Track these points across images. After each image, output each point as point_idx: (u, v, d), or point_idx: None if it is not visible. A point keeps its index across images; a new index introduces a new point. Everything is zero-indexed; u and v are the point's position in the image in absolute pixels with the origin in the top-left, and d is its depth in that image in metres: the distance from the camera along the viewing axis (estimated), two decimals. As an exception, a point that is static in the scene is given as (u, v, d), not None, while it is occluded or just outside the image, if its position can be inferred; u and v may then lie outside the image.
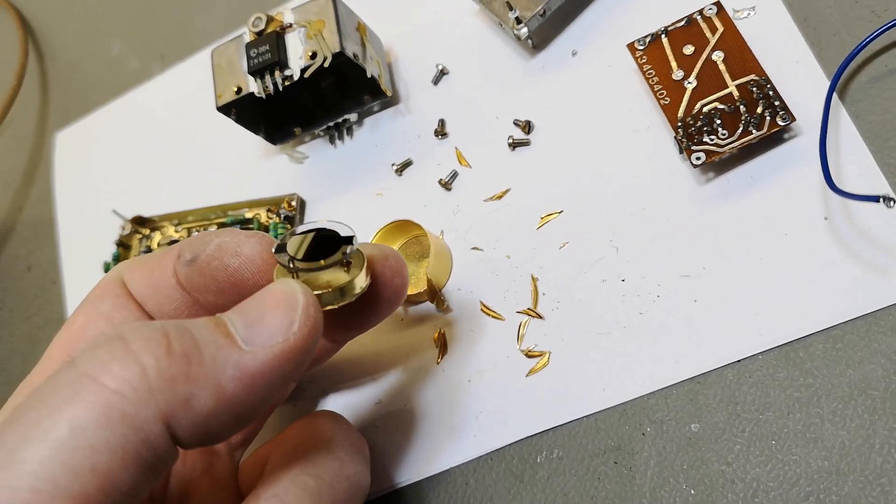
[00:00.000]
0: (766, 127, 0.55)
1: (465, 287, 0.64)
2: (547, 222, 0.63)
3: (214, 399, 0.36)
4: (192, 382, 0.36)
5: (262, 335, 0.38)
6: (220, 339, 0.38)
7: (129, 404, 0.34)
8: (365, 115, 0.75)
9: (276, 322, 0.39)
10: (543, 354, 0.59)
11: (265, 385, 0.38)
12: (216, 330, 0.38)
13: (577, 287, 0.60)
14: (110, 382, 0.34)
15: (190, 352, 0.36)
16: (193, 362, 0.36)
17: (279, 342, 0.39)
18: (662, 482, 0.54)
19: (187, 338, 0.37)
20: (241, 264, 0.47)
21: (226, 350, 0.37)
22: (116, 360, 0.35)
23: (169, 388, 0.35)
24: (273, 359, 0.38)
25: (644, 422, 0.55)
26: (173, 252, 0.48)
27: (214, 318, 0.39)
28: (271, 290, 0.41)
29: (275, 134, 0.75)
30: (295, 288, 0.41)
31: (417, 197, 0.69)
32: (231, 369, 0.37)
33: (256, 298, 0.41)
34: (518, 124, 0.67)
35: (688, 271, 0.57)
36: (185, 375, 0.36)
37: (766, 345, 0.53)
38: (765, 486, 0.51)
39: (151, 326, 0.37)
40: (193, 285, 0.47)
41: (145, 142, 0.87)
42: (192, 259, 0.47)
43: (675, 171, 0.60)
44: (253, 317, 0.39)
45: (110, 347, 0.35)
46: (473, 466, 0.59)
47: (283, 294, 0.40)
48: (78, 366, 0.35)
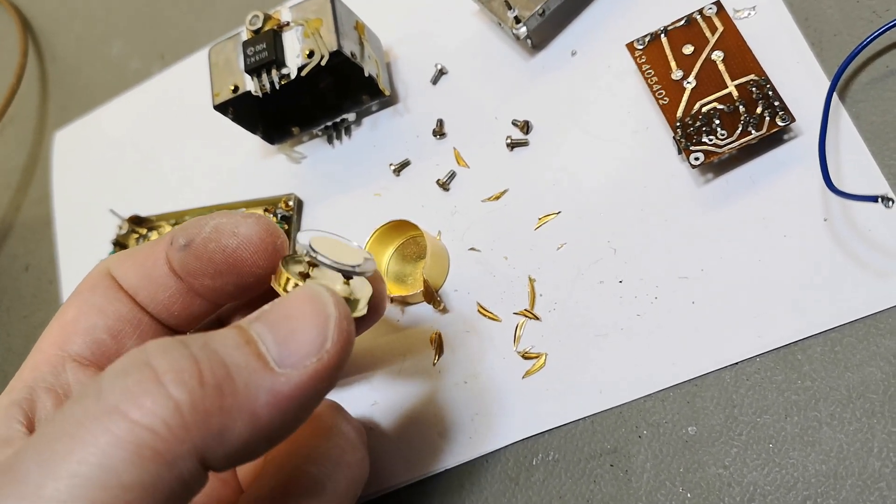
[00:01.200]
0: (765, 127, 0.55)
1: (462, 288, 0.64)
2: (545, 223, 0.63)
3: (249, 428, 0.35)
4: (227, 414, 0.35)
5: (294, 355, 0.37)
6: (251, 362, 0.36)
7: (163, 442, 0.33)
8: (363, 115, 0.74)
9: (309, 339, 0.37)
10: (540, 356, 0.59)
11: (299, 406, 0.37)
12: (247, 350, 0.36)
13: (575, 288, 0.60)
14: (142, 419, 0.33)
15: (223, 382, 0.35)
16: (227, 393, 0.35)
17: (313, 362, 0.37)
18: (658, 485, 0.53)
19: (219, 365, 0.35)
20: (240, 244, 0.45)
21: (259, 375, 0.36)
22: (147, 393, 0.33)
23: (203, 422, 0.34)
24: (308, 380, 0.37)
25: (640, 424, 0.55)
26: (165, 240, 0.47)
27: (242, 333, 0.37)
28: (300, 299, 0.39)
29: (273, 134, 0.74)
30: (325, 297, 0.39)
31: (415, 197, 0.69)
32: (265, 395, 0.36)
33: (285, 309, 0.39)
34: (516, 124, 0.66)
35: (686, 273, 0.57)
36: (219, 408, 0.34)
37: (764, 347, 0.53)
38: (762, 489, 0.51)
39: (180, 351, 0.35)
40: (189, 270, 0.46)
41: (143, 141, 0.87)
42: (186, 243, 0.45)
43: (674, 173, 0.59)
44: (283, 333, 0.37)
45: (140, 378, 0.34)
46: (469, 469, 0.59)
47: (314, 305, 0.38)
48: (105, 397, 0.33)
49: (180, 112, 0.85)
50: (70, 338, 0.47)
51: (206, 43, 0.85)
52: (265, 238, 0.46)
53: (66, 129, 0.93)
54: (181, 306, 0.48)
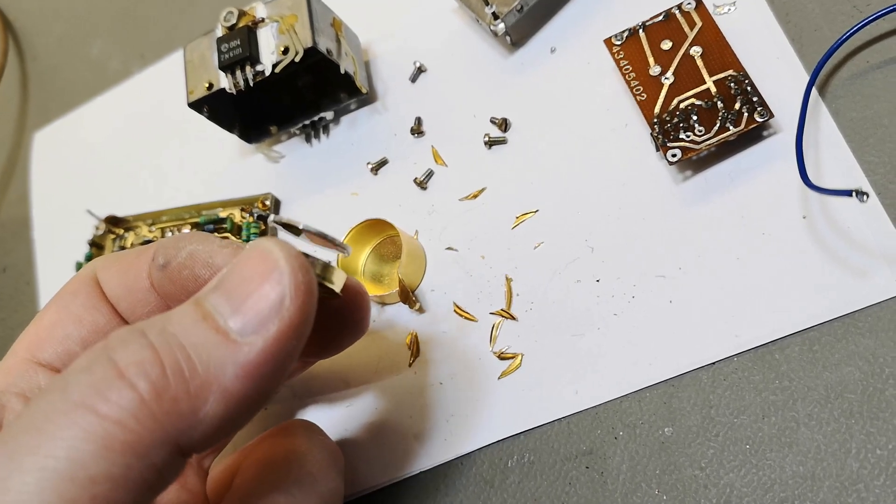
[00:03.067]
0: (743, 123, 0.54)
1: (438, 288, 0.63)
2: (522, 222, 0.62)
3: (222, 404, 0.35)
4: (196, 397, 0.34)
5: (253, 321, 0.35)
6: (211, 337, 0.35)
7: (131, 434, 0.32)
8: (342, 114, 0.74)
9: (266, 300, 0.36)
10: (516, 356, 0.58)
11: (271, 372, 0.36)
12: (205, 326, 0.35)
13: (552, 288, 0.59)
14: (109, 412, 0.32)
15: (185, 366, 0.34)
16: (191, 376, 0.34)
17: (275, 324, 0.36)
18: (634, 487, 0.53)
19: (179, 349, 0.34)
20: (212, 276, 0.43)
21: (221, 350, 0.35)
22: (112, 387, 0.33)
23: (172, 410, 0.33)
24: (273, 343, 0.35)
25: (617, 425, 0.54)
26: (148, 253, 0.46)
27: (199, 308, 0.36)
28: (251, 259, 0.37)
29: (251, 133, 0.73)
30: (276, 252, 0.37)
31: (392, 196, 0.68)
32: (232, 369, 0.35)
33: (236, 272, 0.37)
34: (495, 122, 0.66)
35: (663, 272, 0.56)
36: (185, 392, 0.34)
37: (742, 347, 0.52)
38: (738, 491, 0.50)
39: (139, 341, 0.35)
40: (165, 292, 0.46)
41: (121, 141, 0.86)
42: (164, 264, 0.45)
43: (652, 170, 0.59)
44: (238, 298, 0.36)
45: (103, 373, 0.33)
46: (444, 471, 0.58)
47: (265, 263, 0.37)
48: (70, 393, 0.33)
49: (159, 112, 0.85)
50: (43, 345, 0.46)
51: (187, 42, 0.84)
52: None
53: (46, 130, 0.93)
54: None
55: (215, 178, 0.78)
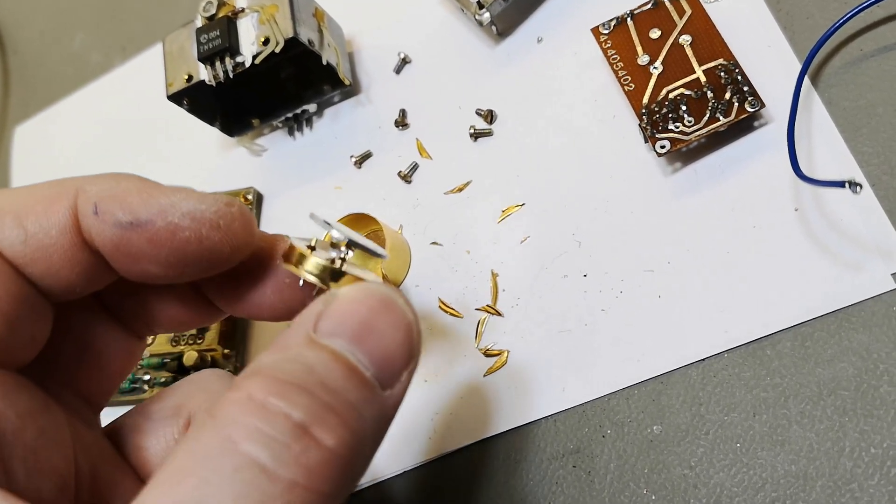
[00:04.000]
0: (734, 113, 0.53)
1: (423, 283, 0.62)
2: (508, 215, 0.61)
3: (371, 458, 0.35)
4: (367, 454, 0.34)
5: (392, 374, 0.35)
6: (365, 394, 0.34)
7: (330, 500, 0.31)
8: (325, 106, 0.73)
9: (402, 355, 0.35)
10: (502, 353, 0.57)
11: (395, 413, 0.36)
12: (357, 382, 0.34)
13: (538, 283, 0.58)
14: (321, 486, 0.31)
15: (362, 425, 0.33)
16: (366, 434, 0.34)
17: (405, 376, 0.36)
18: (622, 487, 0.52)
19: (351, 409, 0.33)
20: (222, 239, 0.39)
21: (373, 406, 0.34)
22: (321, 462, 0.31)
23: (355, 472, 0.33)
24: (402, 394, 0.36)
25: (604, 423, 0.53)
26: (68, 197, 0.38)
27: (340, 360, 0.34)
28: (378, 310, 0.36)
29: (232, 126, 0.72)
30: (401, 304, 0.36)
31: (376, 190, 0.67)
32: (379, 423, 0.35)
33: (365, 319, 0.35)
34: (480, 114, 0.65)
35: (652, 266, 0.55)
36: (362, 452, 0.33)
37: (732, 343, 0.51)
38: (728, 491, 0.49)
39: (316, 401, 0.33)
40: (130, 252, 0.38)
41: (102, 135, 0.85)
42: (132, 222, 0.37)
43: (641, 163, 0.58)
44: (376, 352, 0.35)
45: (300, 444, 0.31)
46: (428, 469, 0.57)
47: (394, 315, 0.36)
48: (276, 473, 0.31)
49: (140, 105, 0.84)
50: None
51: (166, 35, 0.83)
52: (246, 223, 0.41)
53: (27, 124, 0.92)
54: (86, 284, 0.40)
55: (197, 172, 0.77)
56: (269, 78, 0.70)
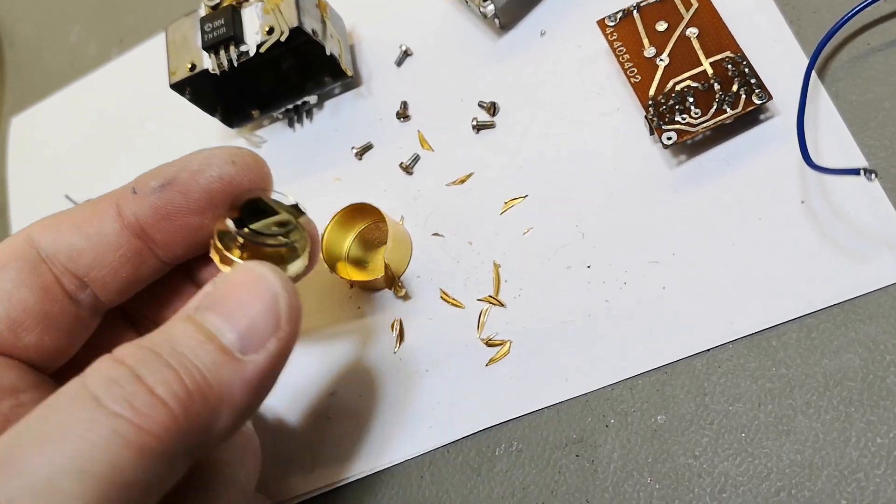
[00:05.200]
0: (741, 105, 0.53)
1: (424, 274, 0.62)
2: (511, 207, 0.61)
3: (231, 417, 0.38)
4: (213, 412, 0.37)
5: (254, 341, 0.39)
6: (219, 358, 0.38)
7: (164, 445, 0.35)
8: (325, 98, 0.72)
9: (265, 324, 0.39)
10: (504, 343, 0.57)
11: (269, 384, 0.40)
12: (212, 348, 0.38)
13: (541, 274, 0.58)
14: (147, 426, 0.35)
15: (203, 385, 0.37)
16: (209, 395, 0.37)
17: (273, 344, 0.39)
18: (626, 476, 0.51)
19: (195, 371, 0.37)
20: (238, 171, 0.46)
21: (229, 369, 0.38)
22: (147, 404, 0.35)
23: (196, 424, 0.36)
24: (271, 360, 0.39)
25: (608, 413, 0.53)
26: (113, 195, 0.46)
27: (200, 329, 0.39)
28: (247, 284, 0.40)
29: (232, 117, 0.72)
30: (271, 278, 0.40)
31: (377, 181, 0.67)
32: (238, 385, 0.38)
33: (234, 294, 0.40)
34: (483, 106, 0.64)
35: (657, 257, 0.55)
36: (205, 409, 0.37)
37: (737, 333, 0.51)
38: (733, 480, 0.49)
39: (159, 362, 0.37)
40: (167, 211, 0.46)
41: (100, 126, 0.85)
42: (164, 183, 0.46)
43: (645, 155, 0.58)
44: (240, 322, 0.39)
45: (133, 389, 0.35)
46: (429, 459, 0.57)
47: (262, 288, 0.40)
48: (107, 403, 0.35)
49: (138, 97, 0.83)
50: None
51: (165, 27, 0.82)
52: (258, 162, 0.49)
53: (23, 115, 0.91)
54: (131, 267, 0.47)
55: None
56: (270, 69, 0.70)
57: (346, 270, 0.63)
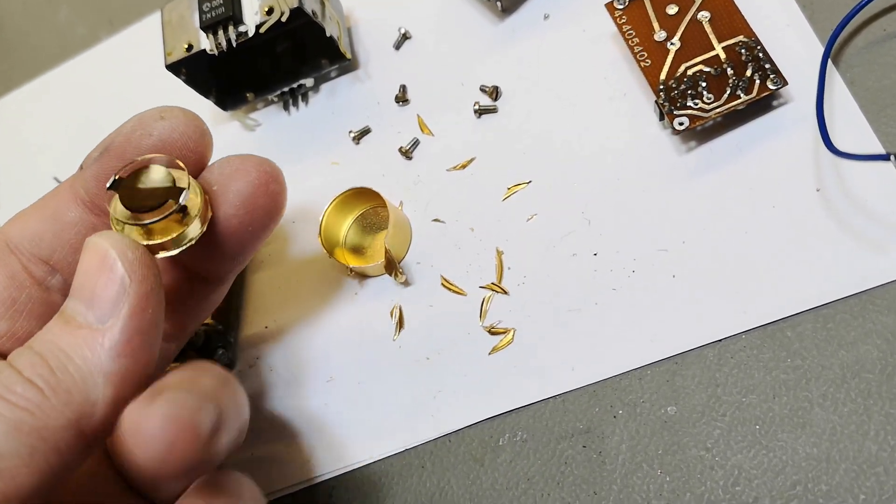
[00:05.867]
0: (755, 91, 0.52)
1: (424, 261, 0.61)
2: (514, 193, 0.60)
3: (110, 384, 0.39)
4: (84, 383, 0.38)
5: (105, 307, 0.40)
6: (79, 334, 0.39)
7: (38, 420, 0.37)
8: (321, 81, 0.71)
9: (109, 290, 0.40)
10: (508, 331, 0.56)
11: (141, 342, 0.40)
12: (70, 328, 0.40)
13: (546, 261, 0.57)
14: (18, 402, 0.37)
15: (66, 362, 0.38)
16: (74, 369, 0.38)
17: (124, 303, 0.40)
18: (635, 468, 0.50)
19: (58, 351, 0.39)
20: (168, 125, 0.47)
21: (89, 340, 0.39)
22: (17, 383, 0.37)
23: (69, 399, 0.38)
24: (129, 320, 0.40)
25: (616, 403, 0.52)
26: (67, 181, 0.48)
27: (61, 315, 0.41)
28: (87, 258, 0.41)
29: (226, 99, 0.71)
30: (104, 246, 0.41)
31: (375, 166, 0.66)
32: (105, 352, 0.39)
33: (81, 272, 0.41)
34: (485, 90, 0.63)
35: (666, 245, 0.54)
36: (74, 383, 0.38)
37: (750, 323, 0.50)
38: (747, 473, 0.48)
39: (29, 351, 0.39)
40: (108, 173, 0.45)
41: (89, 109, 0.83)
42: (103, 150, 0.47)
43: (653, 141, 0.57)
44: (88, 295, 0.40)
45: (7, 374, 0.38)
46: (431, 448, 0.56)
47: (99, 259, 0.41)
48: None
49: (127, 79, 0.82)
50: None
51: (155, 8, 0.82)
52: (188, 115, 0.49)
53: (10, 96, 0.90)
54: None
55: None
56: (265, 51, 0.69)
57: (343, 256, 0.62)
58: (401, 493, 0.55)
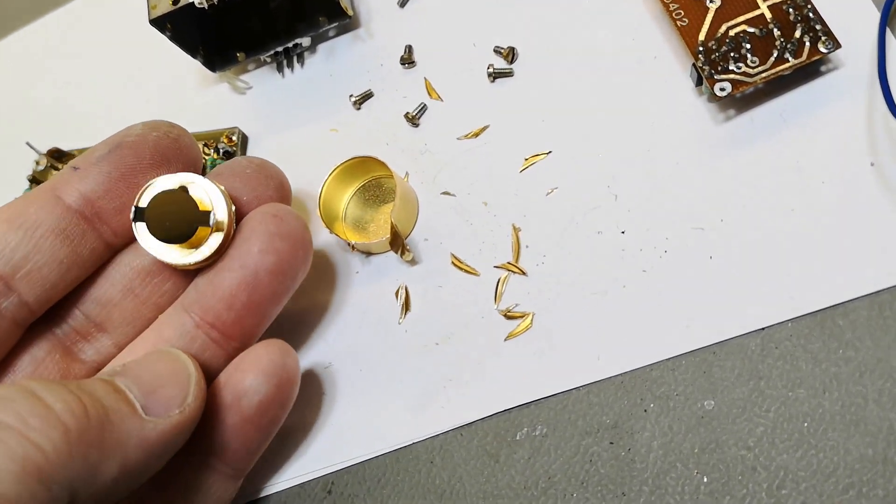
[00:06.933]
0: (804, 54, 0.49)
1: (433, 237, 0.57)
2: (532, 164, 0.56)
3: (119, 468, 0.38)
4: (104, 450, 0.37)
5: (159, 406, 0.40)
6: (122, 406, 0.39)
7: (48, 462, 0.34)
8: (319, 41, 0.67)
9: (172, 394, 0.41)
10: (525, 315, 0.52)
11: (163, 452, 0.40)
12: (118, 397, 0.39)
13: (568, 239, 0.53)
14: (34, 436, 0.34)
15: (103, 417, 0.37)
16: (106, 429, 0.37)
17: (176, 414, 0.41)
18: (668, 467, 0.47)
19: (98, 403, 0.37)
20: (181, 134, 0.49)
21: (130, 419, 0.39)
22: (38, 416, 0.35)
23: (85, 454, 0.36)
24: (171, 428, 0.40)
25: (646, 396, 0.49)
26: (47, 185, 0.47)
27: (109, 383, 0.40)
28: (161, 359, 0.43)
29: (215, 59, 0.66)
30: (184, 359, 0.43)
31: (378, 134, 0.62)
32: (135, 439, 0.38)
33: (147, 366, 0.42)
34: (500, 52, 0.60)
35: (702, 223, 0.51)
36: (98, 441, 0.36)
37: (798, 311, 0.47)
38: (794, 475, 0.44)
39: (62, 386, 0.37)
40: (124, 170, 0.47)
41: (65, 68, 0.78)
42: (114, 147, 0.47)
43: (687, 108, 0.53)
44: (149, 387, 0.41)
45: (28, 403, 0.35)
46: (440, 442, 0.52)
47: (175, 364, 0.43)
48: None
49: (106, 36, 0.77)
50: None
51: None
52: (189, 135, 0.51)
53: (-20, 54, 0.84)
54: (74, 251, 0.46)
55: (173, 109, 0.70)
56: (258, 7, 0.64)
57: (343, 231, 0.58)
58: (407, 491, 0.52)
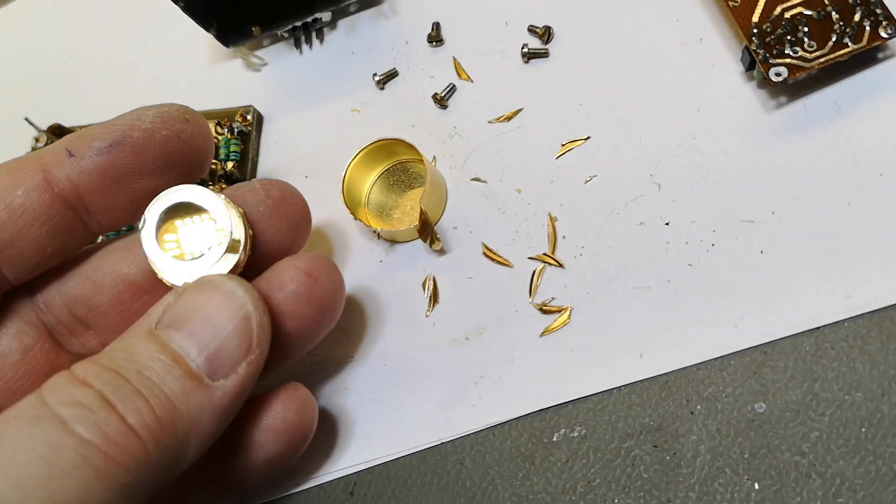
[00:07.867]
0: (865, 39, 0.48)
1: (462, 226, 0.55)
2: (569, 150, 0.55)
3: (198, 447, 0.37)
4: (181, 443, 0.36)
5: (224, 366, 0.38)
6: (188, 384, 0.37)
7: (133, 478, 0.34)
8: (340, 16, 0.65)
9: (236, 347, 0.39)
10: (563, 310, 0.51)
11: (236, 408, 0.39)
12: (179, 372, 0.37)
13: (608, 230, 0.52)
14: (119, 457, 0.33)
15: (173, 415, 0.36)
16: (178, 426, 0.36)
17: (243, 368, 0.39)
18: (716, 473, 0.45)
19: (164, 399, 0.36)
20: (194, 131, 0.45)
21: (197, 395, 0.37)
22: (119, 433, 0.34)
23: (165, 458, 0.35)
24: (240, 385, 0.39)
25: (693, 398, 0.47)
26: (37, 160, 0.43)
27: (165, 348, 0.38)
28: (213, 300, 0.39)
29: (229, 33, 0.64)
30: (242, 295, 0.40)
31: (403, 115, 0.60)
32: (207, 414, 0.37)
33: (200, 311, 0.39)
34: (535, 31, 0.58)
35: (752, 216, 0.50)
36: (175, 441, 0.36)
37: (855, 310, 0.46)
38: (850, 483, 0.43)
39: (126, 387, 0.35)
40: (116, 174, 0.43)
41: (67, 39, 0.76)
42: (111, 144, 0.43)
43: (736, 94, 0.52)
44: (208, 345, 0.38)
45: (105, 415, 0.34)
46: (471, 442, 0.50)
47: (231, 307, 0.39)
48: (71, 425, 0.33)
49: (114, 6, 0.75)
50: None
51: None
52: (207, 129, 0.46)
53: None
54: (58, 242, 0.44)
55: (183, 85, 0.69)
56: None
57: (366, 217, 0.56)
58: (434, 493, 0.50)
